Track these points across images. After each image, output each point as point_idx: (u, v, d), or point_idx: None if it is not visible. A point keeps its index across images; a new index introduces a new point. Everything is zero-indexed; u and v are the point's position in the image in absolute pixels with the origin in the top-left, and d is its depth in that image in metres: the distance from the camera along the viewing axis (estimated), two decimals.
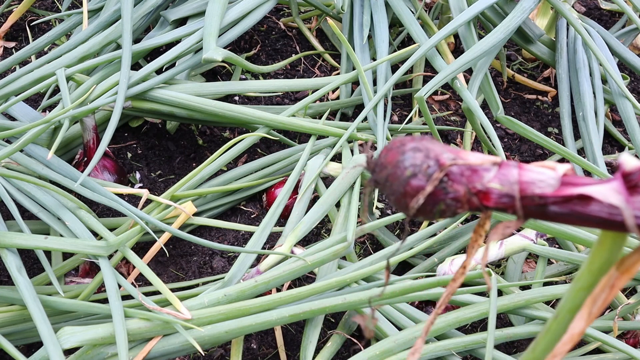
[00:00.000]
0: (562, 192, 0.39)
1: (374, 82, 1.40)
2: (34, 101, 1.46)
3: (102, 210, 1.26)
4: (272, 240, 1.24)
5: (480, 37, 1.37)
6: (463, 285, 1.14)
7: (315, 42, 1.66)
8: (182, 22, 1.37)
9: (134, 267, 1.16)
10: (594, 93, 1.45)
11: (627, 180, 0.37)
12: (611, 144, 1.60)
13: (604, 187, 0.37)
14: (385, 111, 1.31)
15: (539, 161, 1.50)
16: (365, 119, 1.34)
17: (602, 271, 0.42)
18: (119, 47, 1.31)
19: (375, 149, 1.25)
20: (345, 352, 1.12)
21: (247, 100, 1.52)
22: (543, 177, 0.39)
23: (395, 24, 1.71)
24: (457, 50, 1.74)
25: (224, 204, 1.28)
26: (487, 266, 1.22)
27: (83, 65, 1.21)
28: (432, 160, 0.41)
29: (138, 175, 1.35)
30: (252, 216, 1.32)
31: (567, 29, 1.57)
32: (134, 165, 1.37)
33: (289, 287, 1.09)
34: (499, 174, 0.40)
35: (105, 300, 1.02)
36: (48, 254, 1.12)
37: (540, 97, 1.69)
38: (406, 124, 1.44)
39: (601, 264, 0.42)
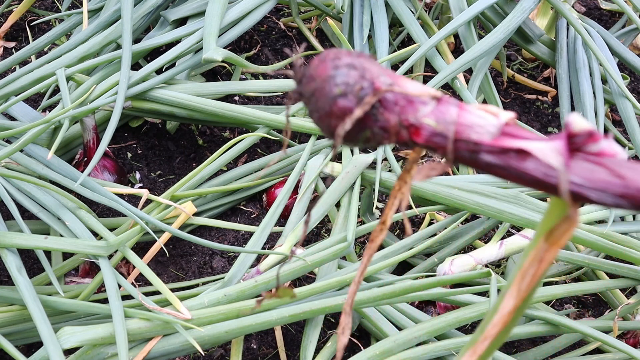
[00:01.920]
0: (499, 143, 0.36)
1: None
2: (34, 101, 1.46)
3: (102, 210, 1.26)
4: (272, 240, 1.24)
5: (480, 37, 1.37)
6: (463, 285, 1.14)
7: (315, 42, 1.66)
8: (182, 22, 1.37)
9: (134, 267, 1.16)
10: (594, 93, 1.45)
11: (571, 142, 0.34)
12: None
13: (544, 145, 0.35)
14: None
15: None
16: None
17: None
18: (119, 47, 1.31)
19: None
20: (345, 352, 1.12)
21: (247, 100, 1.52)
22: (483, 122, 0.36)
23: (395, 24, 1.71)
24: (457, 50, 1.74)
25: (224, 204, 1.28)
26: (487, 266, 1.22)
27: (83, 65, 1.21)
28: (366, 82, 0.38)
29: (138, 175, 1.35)
30: (252, 216, 1.32)
31: (567, 29, 1.57)
32: (134, 165, 1.37)
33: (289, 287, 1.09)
34: (437, 110, 0.37)
35: (105, 300, 1.01)
36: (48, 254, 1.12)
37: (540, 97, 1.69)
38: None
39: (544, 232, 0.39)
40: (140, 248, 1.21)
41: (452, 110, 0.37)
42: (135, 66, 1.31)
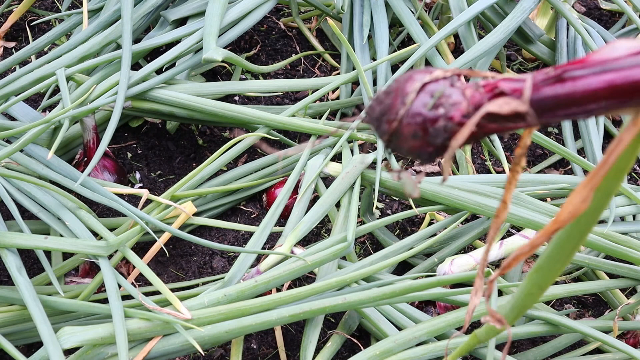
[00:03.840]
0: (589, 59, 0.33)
1: (374, 82, 1.40)
2: (34, 101, 1.46)
3: (102, 210, 1.26)
4: (272, 240, 1.24)
5: (480, 37, 1.37)
6: (463, 285, 1.14)
7: (315, 42, 1.66)
8: (182, 22, 1.37)
9: (134, 267, 1.16)
10: None
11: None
12: None
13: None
14: None
15: (540, 164, 1.50)
16: None
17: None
18: (119, 47, 1.31)
19: (375, 149, 1.25)
20: (345, 352, 1.12)
21: (247, 100, 1.52)
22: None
23: (395, 24, 1.71)
24: (457, 50, 1.74)
25: (224, 204, 1.28)
26: (487, 266, 1.22)
27: (83, 65, 1.21)
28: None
29: (138, 175, 1.35)
30: (252, 216, 1.32)
31: (567, 29, 1.57)
32: (134, 165, 1.37)
33: (289, 287, 1.09)
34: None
35: (105, 300, 1.02)
36: (48, 254, 1.12)
37: None
38: None
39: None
40: (140, 248, 1.21)
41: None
42: (135, 66, 1.31)
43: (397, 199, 1.38)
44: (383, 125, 0.38)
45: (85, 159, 1.26)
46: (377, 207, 1.33)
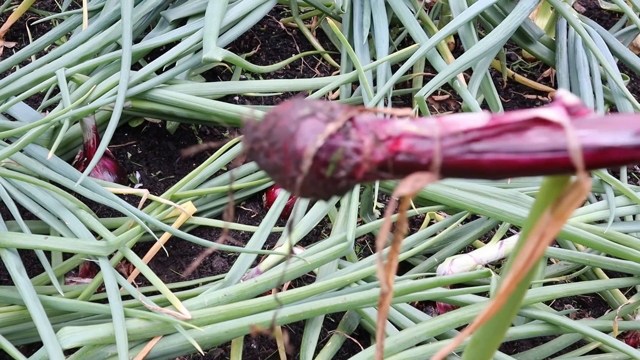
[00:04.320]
0: (493, 122, 0.32)
1: (374, 82, 1.40)
2: (34, 101, 1.46)
3: (102, 210, 1.26)
4: (272, 240, 1.24)
5: (480, 37, 1.37)
6: (463, 285, 1.14)
7: (315, 42, 1.66)
8: (182, 22, 1.37)
9: (134, 267, 1.16)
10: (594, 93, 1.45)
11: (567, 111, 0.32)
12: None
13: (545, 111, 0.31)
14: None
15: None
16: None
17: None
18: (119, 47, 1.31)
19: None
20: (345, 352, 1.12)
21: (247, 100, 1.52)
22: (468, 117, 0.33)
23: (395, 24, 1.71)
24: (457, 50, 1.74)
25: (224, 204, 1.28)
26: (487, 266, 1.22)
27: (83, 65, 1.21)
28: (335, 108, 0.34)
29: (138, 175, 1.35)
30: (252, 216, 1.32)
31: (567, 29, 1.57)
32: (134, 165, 1.37)
33: (289, 287, 1.09)
34: (415, 120, 0.33)
35: (105, 300, 1.01)
36: (48, 254, 1.12)
37: (540, 97, 1.69)
38: None
39: (541, 205, 0.36)
40: (140, 248, 1.21)
41: (431, 119, 0.33)
42: (135, 66, 1.31)
43: (397, 198, 1.37)
44: (275, 177, 0.35)
45: (85, 159, 1.26)
46: (377, 207, 1.33)
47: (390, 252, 0.38)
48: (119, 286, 0.98)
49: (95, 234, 1.06)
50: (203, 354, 0.98)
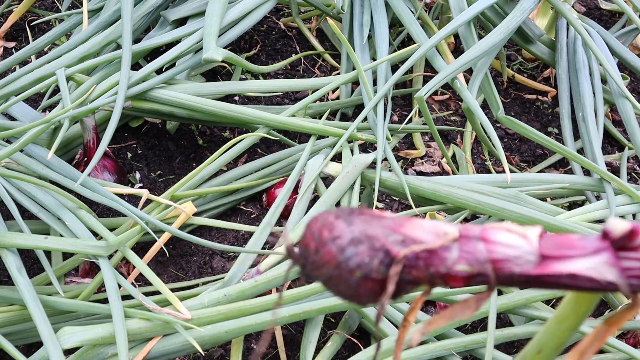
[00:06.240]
0: (545, 271, 0.34)
1: (374, 82, 1.40)
2: (34, 101, 1.46)
3: (102, 210, 1.26)
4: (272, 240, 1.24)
5: (480, 37, 1.37)
6: None
7: (315, 42, 1.66)
8: (182, 22, 1.37)
9: (134, 267, 1.16)
10: (594, 93, 1.45)
11: (615, 246, 0.34)
12: (611, 144, 1.60)
13: (594, 263, 0.33)
14: (385, 111, 1.31)
15: (540, 164, 1.50)
16: (365, 119, 1.34)
17: (587, 312, 0.41)
18: (119, 47, 1.31)
19: (375, 149, 1.25)
20: (345, 352, 1.12)
21: (247, 100, 1.52)
22: (517, 252, 0.34)
23: (395, 24, 1.71)
24: (457, 50, 1.74)
25: (224, 204, 1.28)
26: None
27: (83, 65, 1.21)
28: (380, 253, 0.35)
29: (138, 175, 1.35)
30: (252, 216, 1.32)
31: (567, 29, 1.57)
32: (134, 165, 1.38)
33: (289, 287, 1.09)
34: (463, 252, 0.34)
35: (105, 300, 1.02)
36: (48, 254, 1.12)
37: (540, 97, 1.69)
38: (406, 124, 1.44)
39: (587, 307, 0.41)
40: (140, 248, 1.21)
41: (479, 246, 0.35)
42: (135, 66, 1.31)
43: (397, 199, 1.38)
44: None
45: (85, 159, 1.26)
46: (377, 207, 1.34)
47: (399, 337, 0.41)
48: (119, 286, 0.98)
49: (95, 234, 1.06)
50: (203, 354, 0.98)
